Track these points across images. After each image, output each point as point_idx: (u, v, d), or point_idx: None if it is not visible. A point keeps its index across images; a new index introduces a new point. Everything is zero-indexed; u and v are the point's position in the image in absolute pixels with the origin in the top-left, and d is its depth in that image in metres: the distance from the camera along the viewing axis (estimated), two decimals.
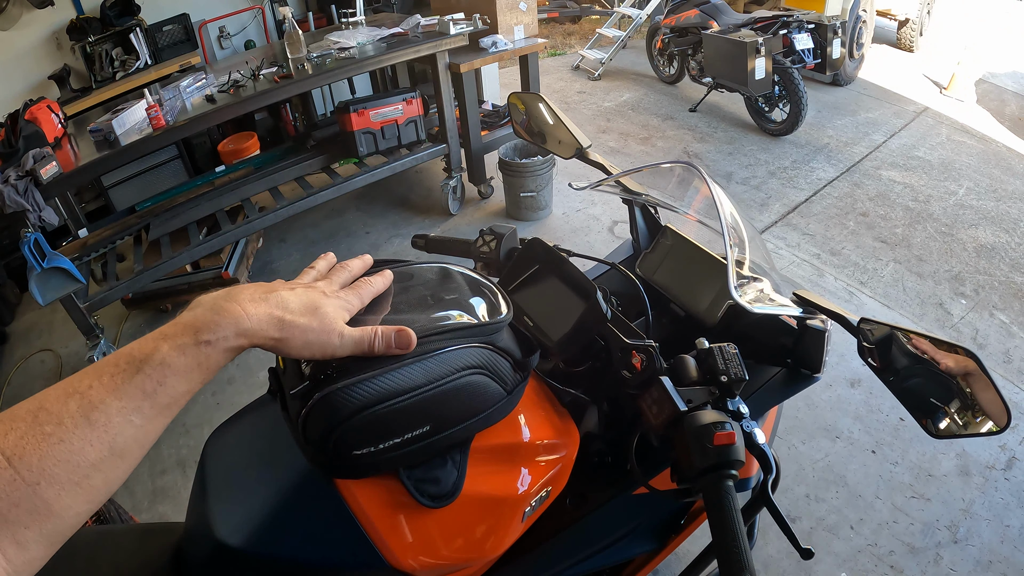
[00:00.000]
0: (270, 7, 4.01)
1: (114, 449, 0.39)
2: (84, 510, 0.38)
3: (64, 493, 0.37)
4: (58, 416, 0.38)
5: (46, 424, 0.37)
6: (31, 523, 0.36)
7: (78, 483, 0.37)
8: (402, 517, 0.60)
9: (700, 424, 0.59)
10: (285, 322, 0.47)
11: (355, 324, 0.52)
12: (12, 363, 2.69)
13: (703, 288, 0.86)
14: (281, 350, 0.48)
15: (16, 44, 3.31)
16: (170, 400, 0.42)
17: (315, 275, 0.57)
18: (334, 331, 0.50)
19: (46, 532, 0.36)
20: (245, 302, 0.46)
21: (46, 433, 0.37)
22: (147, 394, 0.41)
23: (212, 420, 2.20)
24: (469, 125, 3.13)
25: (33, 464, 0.36)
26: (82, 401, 0.39)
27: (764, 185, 3.52)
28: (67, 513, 0.37)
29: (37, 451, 0.36)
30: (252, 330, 0.45)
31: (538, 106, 1.10)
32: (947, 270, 2.76)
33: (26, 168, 1.99)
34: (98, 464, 0.38)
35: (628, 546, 0.81)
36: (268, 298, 0.48)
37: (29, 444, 0.36)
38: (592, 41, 5.70)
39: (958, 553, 1.64)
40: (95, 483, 0.38)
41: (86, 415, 0.38)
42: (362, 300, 0.56)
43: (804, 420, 2.02)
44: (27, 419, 0.37)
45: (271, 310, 0.47)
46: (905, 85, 4.92)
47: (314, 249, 3.23)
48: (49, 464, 0.36)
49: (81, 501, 0.38)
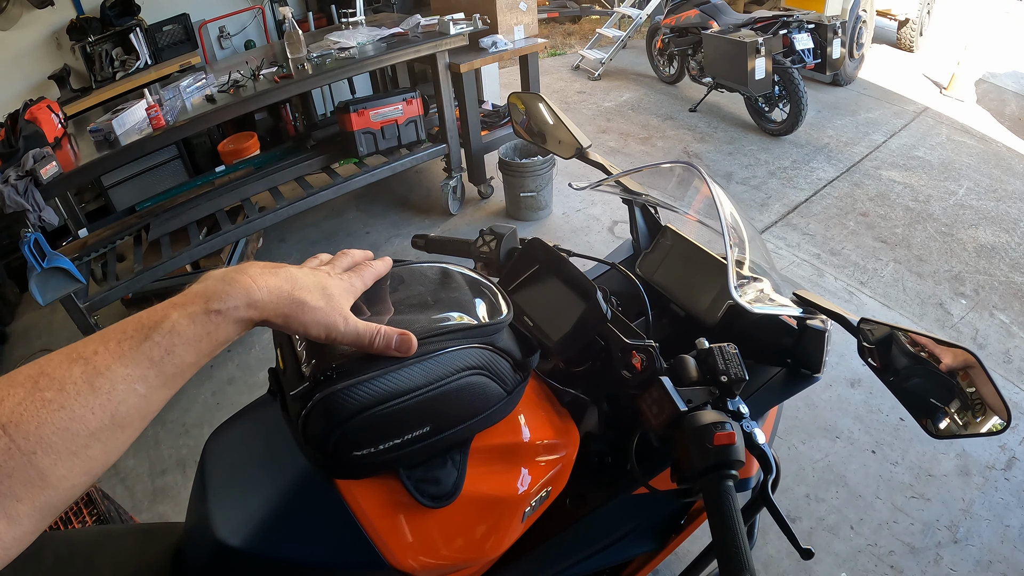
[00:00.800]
0: (270, 7, 4.01)
1: (115, 418, 0.38)
2: (80, 482, 0.37)
3: (61, 463, 0.35)
4: (60, 382, 0.36)
5: (47, 390, 0.36)
6: (24, 495, 0.34)
7: (76, 453, 0.36)
8: (402, 517, 0.60)
9: (700, 424, 0.59)
10: (294, 297, 0.47)
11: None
12: (12, 363, 2.69)
13: (703, 288, 0.86)
14: (289, 326, 0.48)
15: (16, 44, 3.31)
16: (176, 370, 0.41)
17: (318, 263, 0.58)
18: (340, 313, 0.50)
19: (39, 505, 0.35)
20: (256, 275, 0.46)
21: (46, 399, 0.35)
22: (154, 362, 0.40)
23: (212, 420, 2.20)
24: (469, 125, 3.13)
25: (30, 432, 0.34)
26: (87, 367, 0.37)
27: (764, 185, 3.52)
28: (62, 485, 0.36)
29: (35, 418, 0.35)
30: (262, 302, 0.45)
31: (538, 106, 1.10)
32: (947, 270, 2.76)
33: (26, 168, 1.99)
34: (98, 433, 0.37)
35: (628, 546, 0.81)
36: (278, 272, 0.48)
37: (27, 411, 0.35)
38: (592, 41, 5.70)
39: (958, 553, 1.64)
40: (93, 453, 0.37)
41: (90, 381, 0.37)
42: (364, 282, 0.56)
43: (804, 420, 2.02)
44: (26, 385, 0.36)
45: (281, 283, 0.47)
46: (905, 85, 4.92)
47: (314, 249, 3.23)
48: (47, 432, 0.35)
49: (78, 472, 0.36)
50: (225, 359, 2.47)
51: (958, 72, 4.64)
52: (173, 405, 2.24)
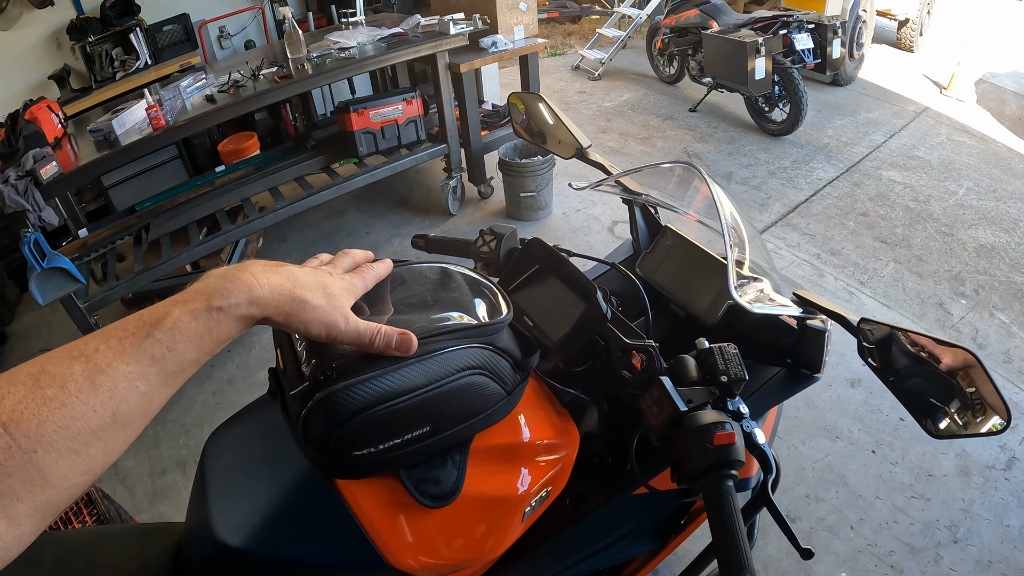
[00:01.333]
0: (270, 7, 4.01)
1: (116, 416, 0.38)
2: (81, 481, 0.37)
3: (61, 461, 0.35)
4: (61, 379, 0.36)
5: (48, 388, 0.35)
6: (24, 495, 0.34)
7: (77, 451, 0.36)
8: (402, 517, 0.60)
9: (700, 424, 0.59)
10: (295, 295, 0.47)
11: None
12: (12, 363, 2.65)
13: (703, 288, 0.86)
14: (290, 324, 0.48)
15: (16, 44, 3.31)
16: (177, 368, 0.41)
17: (319, 263, 0.58)
18: (341, 312, 0.50)
19: (39, 504, 0.35)
20: (258, 272, 0.46)
21: (47, 397, 0.35)
22: (155, 359, 0.40)
23: (212, 420, 2.20)
24: (469, 125, 3.13)
25: (31, 430, 0.34)
26: (88, 364, 0.37)
27: (764, 185, 3.52)
28: (63, 484, 0.35)
29: (36, 416, 0.34)
30: (264, 299, 0.45)
31: (538, 106, 1.10)
32: (947, 270, 2.76)
33: (26, 168, 1.99)
34: (99, 431, 0.37)
35: (628, 546, 0.81)
36: (279, 271, 0.48)
37: (28, 409, 0.34)
38: (592, 41, 5.70)
39: (958, 553, 1.63)
40: (94, 452, 0.37)
41: (91, 379, 0.37)
42: (365, 284, 0.56)
43: (804, 420, 2.02)
44: (27, 383, 0.36)
45: (283, 281, 0.47)
46: (905, 85, 4.91)
47: (314, 249, 3.23)
48: (48, 430, 0.34)
49: (79, 471, 0.36)
50: (225, 359, 2.47)
51: (958, 72, 4.64)
52: (173, 405, 2.24)
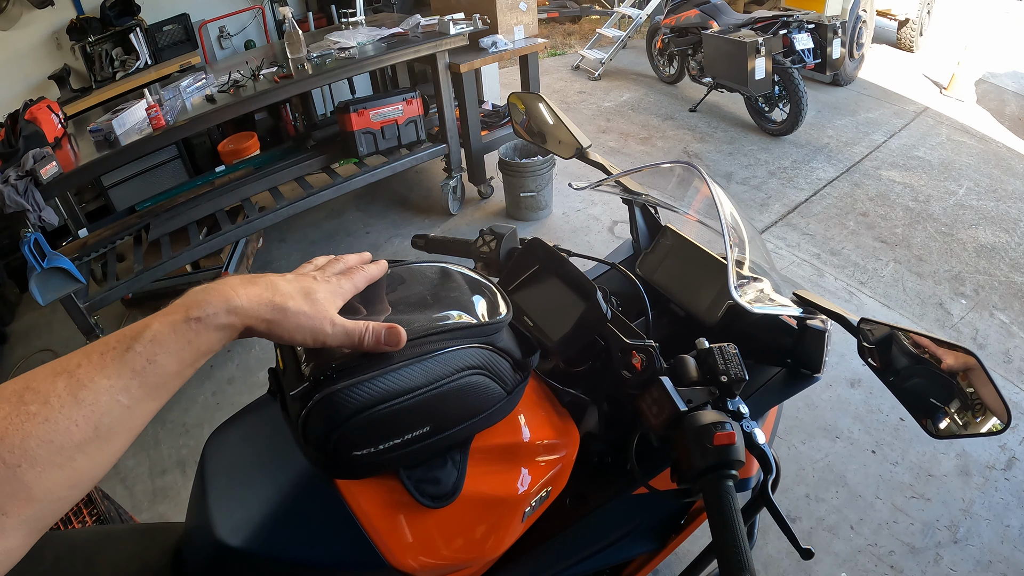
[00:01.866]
0: (270, 7, 4.01)
1: (99, 430, 0.38)
2: (67, 495, 0.37)
3: (46, 475, 0.36)
4: (44, 395, 0.37)
5: (31, 403, 0.36)
6: (10, 509, 0.34)
7: (61, 465, 0.36)
8: (402, 517, 0.60)
9: (700, 424, 0.59)
10: (276, 303, 0.47)
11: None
12: (12, 363, 2.69)
13: (703, 288, 0.86)
14: (273, 333, 0.48)
15: (16, 44, 3.31)
16: (159, 380, 0.41)
17: (311, 268, 0.57)
18: (326, 317, 0.49)
19: (26, 519, 0.35)
20: (236, 284, 0.47)
21: (31, 413, 0.36)
22: (136, 372, 0.40)
23: (212, 420, 2.20)
24: (469, 125, 3.13)
25: (15, 445, 0.35)
26: (70, 380, 0.38)
27: (764, 185, 3.52)
28: (48, 498, 0.36)
29: (20, 431, 0.35)
30: (242, 308, 0.45)
31: (538, 106, 1.10)
32: (947, 270, 2.76)
33: (26, 168, 1.99)
34: (83, 445, 0.37)
35: (628, 546, 0.81)
36: (258, 281, 0.48)
37: (12, 424, 0.35)
38: (592, 41, 5.70)
39: (958, 553, 1.63)
40: (79, 466, 0.37)
41: (74, 394, 0.38)
42: (355, 286, 0.55)
43: (804, 420, 2.02)
44: (12, 399, 0.36)
45: (261, 291, 0.47)
46: (905, 85, 4.91)
47: (314, 249, 3.23)
48: (32, 444, 0.35)
49: (64, 485, 0.37)
50: (225, 359, 2.47)
51: (958, 72, 4.64)
52: (173, 405, 2.24)
